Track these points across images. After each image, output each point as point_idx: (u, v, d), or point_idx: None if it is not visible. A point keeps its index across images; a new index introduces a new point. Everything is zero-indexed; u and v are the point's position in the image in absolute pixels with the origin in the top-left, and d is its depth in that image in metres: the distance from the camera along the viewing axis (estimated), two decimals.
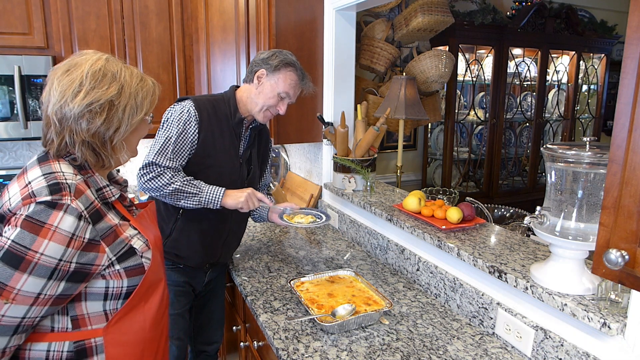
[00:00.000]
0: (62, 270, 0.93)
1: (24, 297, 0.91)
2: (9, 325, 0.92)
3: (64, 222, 0.92)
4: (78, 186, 0.98)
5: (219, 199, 1.66)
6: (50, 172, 0.98)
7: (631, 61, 0.72)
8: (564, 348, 1.22)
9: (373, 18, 3.28)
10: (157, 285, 1.16)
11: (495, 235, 1.68)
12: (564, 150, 1.17)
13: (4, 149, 2.98)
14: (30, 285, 0.91)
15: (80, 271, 0.97)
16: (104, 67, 1.02)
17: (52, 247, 0.91)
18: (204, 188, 1.66)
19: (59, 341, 1.02)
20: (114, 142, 1.05)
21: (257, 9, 2.30)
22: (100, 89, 1.00)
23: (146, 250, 1.10)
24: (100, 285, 1.03)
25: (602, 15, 4.45)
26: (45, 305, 0.95)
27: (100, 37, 2.70)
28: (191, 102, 1.69)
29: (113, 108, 1.02)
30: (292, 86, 1.73)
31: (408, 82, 2.66)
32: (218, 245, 1.84)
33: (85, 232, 0.96)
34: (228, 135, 1.75)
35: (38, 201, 0.92)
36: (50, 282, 0.93)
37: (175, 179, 1.63)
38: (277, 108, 1.74)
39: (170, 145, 1.64)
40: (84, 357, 1.04)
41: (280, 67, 1.70)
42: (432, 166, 3.93)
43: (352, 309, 1.47)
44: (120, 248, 1.03)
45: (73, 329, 1.03)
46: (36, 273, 0.91)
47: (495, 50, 3.72)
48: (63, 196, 0.94)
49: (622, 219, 0.75)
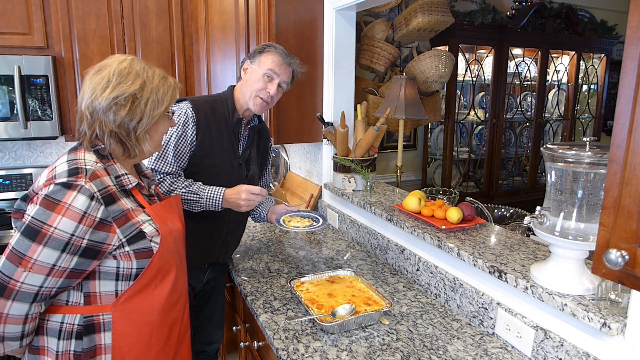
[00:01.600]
0: (74, 245, 1.04)
1: (40, 267, 1.02)
2: (28, 293, 1.04)
3: (77, 200, 1.03)
4: (96, 172, 1.09)
5: (219, 204, 1.67)
6: (74, 159, 1.11)
7: (631, 61, 0.72)
8: (564, 348, 1.22)
9: (373, 18, 3.28)
10: (168, 272, 1.22)
11: (495, 235, 1.68)
12: (564, 150, 1.17)
13: (4, 149, 2.98)
14: (46, 256, 1.02)
15: (92, 248, 1.07)
16: (129, 66, 1.15)
17: (65, 222, 1.02)
18: (203, 193, 1.66)
19: (71, 314, 1.13)
20: (138, 132, 1.16)
21: (257, 9, 2.30)
22: (125, 84, 1.12)
23: (155, 235, 1.17)
24: (112, 265, 1.12)
25: (602, 15, 4.45)
26: (61, 277, 1.06)
27: (100, 37, 2.70)
28: (188, 104, 1.69)
29: (136, 101, 1.13)
30: (275, 63, 1.71)
31: (408, 82, 2.66)
32: (216, 245, 1.84)
33: (97, 211, 1.06)
34: (226, 135, 1.75)
35: (56, 182, 1.04)
36: (63, 255, 1.03)
37: (174, 186, 1.64)
38: (267, 90, 1.72)
39: (170, 150, 1.64)
40: (92, 332, 1.13)
41: (260, 51, 1.74)
42: (432, 166, 3.93)
43: (352, 309, 1.47)
44: (130, 231, 1.12)
45: (84, 304, 1.13)
46: (50, 245, 1.02)
47: (495, 50, 3.72)
48: (78, 178, 1.05)
49: (622, 219, 0.75)
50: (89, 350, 1.13)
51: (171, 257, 1.23)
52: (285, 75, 1.75)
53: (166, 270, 1.21)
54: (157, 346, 1.23)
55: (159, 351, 1.23)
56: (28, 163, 3.04)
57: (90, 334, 1.13)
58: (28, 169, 2.95)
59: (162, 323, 1.23)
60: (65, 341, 1.12)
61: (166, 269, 1.21)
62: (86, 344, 1.12)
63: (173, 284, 1.24)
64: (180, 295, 1.30)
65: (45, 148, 3.07)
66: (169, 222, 1.24)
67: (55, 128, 2.63)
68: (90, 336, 1.13)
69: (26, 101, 2.54)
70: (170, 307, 1.25)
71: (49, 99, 2.59)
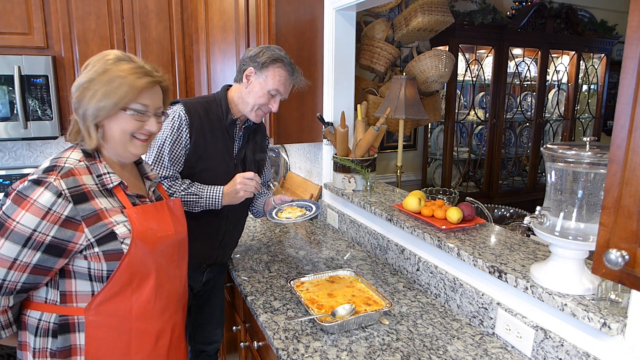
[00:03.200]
0: (36, 241, 1.03)
1: (1, 260, 1.03)
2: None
3: (42, 197, 1.03)
4: (73, 170, 1.09)
5: (219, 202, 1.67)
6: (58, 157, 1.12)
7: (631, 61, 0.72)
8: (564, 348, 1.22)
9: (373, 18, 3.28)
10: (146, 277, 1.17)
11: (495, 235, 1.68)
12: (564, 150, 1.17)
13: (4, 149, 2.98)
14: (7, 249, 1.02)
15: (57, 245, 1.05)
16: (102, 57, 1.14)
17: (27, 217, 1.02)
18: (202, 193, 1.66)
19: (47, 312, 1.12)
20: (87, 122, 1.12)
21: (257, 9, 2.30)
22: (85, 73, 1.13)
23: (127, 236, 1.12)
24: (84, 265, 1.10)
25: (602, 15, 4.45)
26: (24, 272, 1.05)
27: (100, 37, 2.70)
28: (181, 106, 1.67)
29: (88, 89, 1.11)
30: (281, 82, 1.68)
31: (408, 82, 2.66)
32: (214, 246, 1.85)
33: (63, 209, 1.04)
34: (221, 137, 1.74)
35: (29, 179, 1.05)
36: (25, 250, 1.03)
37: (172, 189, 1.64)
38: (268, 106, 1.71)
39: (165, 154, 1.64)
40: (66, 332, 1.12)
41: (268, 64, 1.66)
42: (432, 166, 3.93)
43: (352, 309, 1.47)
44: (101, 231, 1.09)
45: (60, 303, 1.12)
46: (11, 239, 1.02)
47: (495, 50, 3.72)
48: (50, 175, 1.05)
49: (622, 219, 0.75)
50: (64, 349, 1.11)
51: (148, 261, 1.17)
52: (289, 92, 1.75)
53: (143, 275, 1.16)
54: (140, 354, 1.18)
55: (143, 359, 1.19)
56: (28, 163, 3.04)
57: (65, 333, 1.11)
58: (28, 169, 2.96)
59: (143, 331, 1.18)
60: (42, 338, 1.12)
61: (142, 273, 1.16)
62: (60, 343, 1.11)
63: (154, 290, 1.18)
64: (167, 304, 1.23)
65: (45, 148, 3.07)
66: (153, 225, 1.19)
67: (55, 128, 2.63)
68: (65, 335, 1.11)
69: (26, 101, 2.54)
70: (153, 315, 1.19)
71: (49, 99, 2.59)
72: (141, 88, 1.13)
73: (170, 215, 1.28)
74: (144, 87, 1.13)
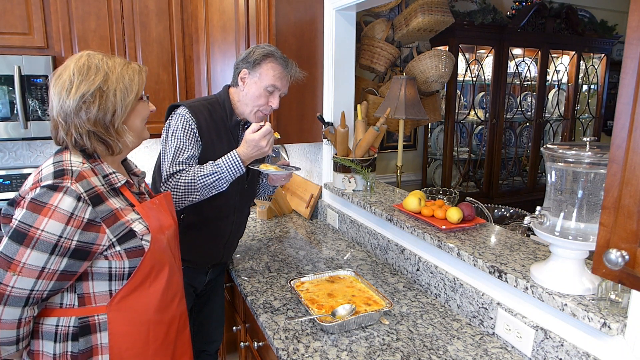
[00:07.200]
0: (63, 247, 1.03)
1: (29, 270, 1.01)
2: (19, 297, 1.03)
3: (63, 202, 1.02)
4: (82, 172, 1.08)
5: (240, 165, 1.57)
6: (60, 160, 1.11)
7: (631, 61, 0.72)
8: (564, 348, 1.22)
9: (373, 18, 3.28)
10: (162, 269, 1.21)
11: (496, 235, 1.68)
12: (564, 150, 1.17)
13: (4, 149, 2.98)
14: (34, 259, 1.01)
15: (82, 249, 1.06)
16: (87, 61, 1.13)
17: (52, 224, 1.01)
18: (219, 168, 1.56)
19: (66, 316, 1.12)
20: (115, 125, 1.14)
21: (257, 9, 2.30)
22: (88, 80, 1.10)
23: (146, 233, 1.16)
24: (104, 265, 1.11)
25: (602, 15, 4.45)
26: (51, 280, 1.05)
27: (100, 37, 2.70)
28: (186, 109, 1.65)
29: (104, 94, 1.11)
30: (276, 77, 1.66)
31: (408, 82, 2.66)
32: (220, 247, 1.85)
33: (84, 212, 1.05)
34: (226, 138, 1.73)
35: (42, 185, 1.03)
36: (52, 257, 1.03)
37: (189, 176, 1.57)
38: (268, 104, 1.69)
39: (182, 153, 1.61)
40: (87, 333, 1.13)
41: (259, 61, 1.64)
42: (432, 166, 3.93)
43: (352, 309, 1.47)
44: (120, 230, 1.11)
45: (79, 305, 1.12)
46: (38, 248, 1.01)
47: (495, 50, 3.72)
48: (64, 180, 1.04)
49: (622, 219, 0.75)
50: (86, 350, 1.12)
51: (164, 254, 1.22)
52: (286, 86, 1.73)
53: (159, 268, 1.21)
54: (155, 343, 1.22)
55: (157, 348, 1.23)
56: (28, 163, 3.04)
57: (86, 335, 1.12)
58: (28, 169, 2.95)
59: (159, 321, 1.23)
60: (62, 343, 1.12)
61: (159, 266, 1.20)
62: (82, 345, 1.12)
63: (167, 280, 1.23)
64: (175, 291, 1.29)
65: (45, 148, 3.07)
66: (160, 219, 1.24)
67: None
68: (86, 337, 1.12)
69: (26, 101, 2.54)
70: (166, 304, 1.24)
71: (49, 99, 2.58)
72: (141, 75, 1.19)
73: (168, 207, 1.33)
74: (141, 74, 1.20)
